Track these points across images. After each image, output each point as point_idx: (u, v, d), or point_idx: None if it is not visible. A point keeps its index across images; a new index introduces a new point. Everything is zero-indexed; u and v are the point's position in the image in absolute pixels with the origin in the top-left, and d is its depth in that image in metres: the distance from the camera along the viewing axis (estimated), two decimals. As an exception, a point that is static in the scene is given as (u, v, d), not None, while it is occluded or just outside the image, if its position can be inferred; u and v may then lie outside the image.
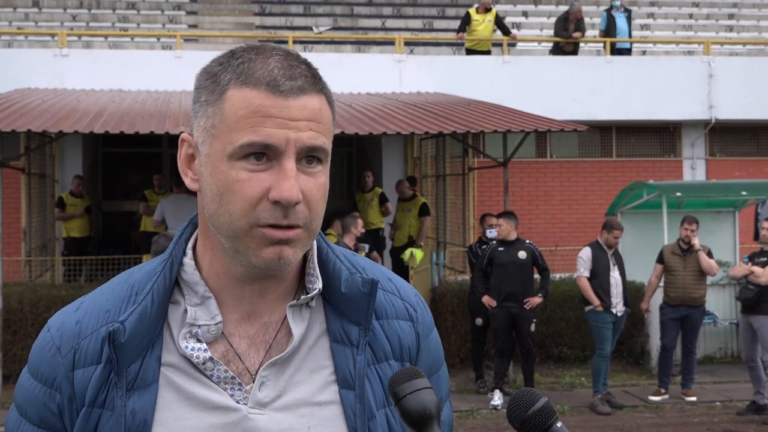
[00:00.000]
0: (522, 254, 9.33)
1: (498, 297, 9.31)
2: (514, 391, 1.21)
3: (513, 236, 9.40)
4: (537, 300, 9.40)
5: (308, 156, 1.27)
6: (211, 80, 1.30)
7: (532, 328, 9.48)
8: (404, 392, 1.20)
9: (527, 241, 9.61)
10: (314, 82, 1.29)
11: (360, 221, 9.58)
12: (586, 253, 9.40)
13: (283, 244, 1.26)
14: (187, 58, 13.38)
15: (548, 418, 1.18)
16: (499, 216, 9.73)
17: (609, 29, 15.35)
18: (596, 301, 9.15)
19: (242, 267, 1.30)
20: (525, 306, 9.30)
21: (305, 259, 1.38)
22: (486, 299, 9.36)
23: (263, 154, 1.25)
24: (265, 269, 1.29)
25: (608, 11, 15.52)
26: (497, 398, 9.30)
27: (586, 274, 9.25)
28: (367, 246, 10.17)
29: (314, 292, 1.35)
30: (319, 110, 1.28)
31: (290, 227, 1.26)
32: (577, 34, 15.12)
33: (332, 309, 1.37)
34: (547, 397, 1.20)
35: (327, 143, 1.29)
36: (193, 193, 1.36)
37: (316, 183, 1.28)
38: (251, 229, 1.25)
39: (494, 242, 9.74)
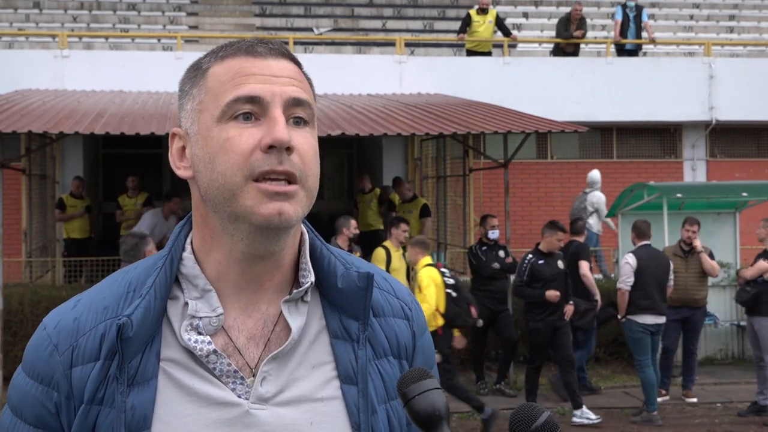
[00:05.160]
0: (561, 264, 9.07)
1: (544, 312, 8.90)
2: (516, 406, 1.19)
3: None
4: (571, 308, 9.11)
5: (295, 117, 1.29)
6: (194, 69, 1.36)
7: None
8: (414, 393, 1.18)
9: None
10: (290, 57, 1.34)
11: (353, 222, 9.31)
12: None
13: (282, 200, 1.26)
14: (188, 59, 13.13)
15: None
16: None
17: (624, 24, 15.25)
18: None
19: (243, 243, 1.29)
20: (565, 317, 9.04)
21: (299, 253, 1.38)
22: (551, 293, 8.73)
23: (251, 113, 1.27)
24: (266, 228, 1.26)
25: (623, 6, 15.42)
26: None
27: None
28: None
29: (306, 285, 1.34)
30: (299, 74, 1.33)
31: (288, 182, 1.26)
32: (578, 33, 15.06)
33: (330, 305, 1.37)
34: (549, 411, 1.17)
35: (311, 102, 1.32)
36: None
37: (306, 140, 1.30)
38: (247, 184, 1.25)
39: (496, 250, 9.75)
